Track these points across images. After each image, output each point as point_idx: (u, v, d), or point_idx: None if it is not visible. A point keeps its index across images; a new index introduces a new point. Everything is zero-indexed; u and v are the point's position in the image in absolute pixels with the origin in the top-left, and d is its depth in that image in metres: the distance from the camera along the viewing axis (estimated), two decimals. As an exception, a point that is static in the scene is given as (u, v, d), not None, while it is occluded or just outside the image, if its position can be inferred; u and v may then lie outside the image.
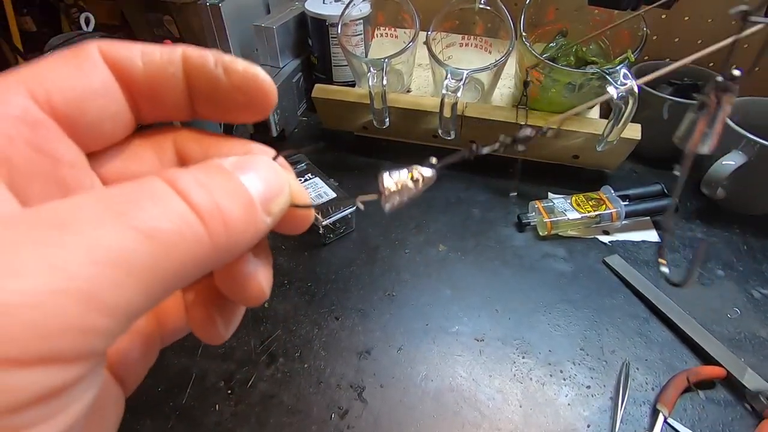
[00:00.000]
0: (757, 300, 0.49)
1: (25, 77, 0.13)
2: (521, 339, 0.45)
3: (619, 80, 0.49)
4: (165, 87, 0.15)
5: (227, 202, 0.12)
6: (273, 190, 0.14)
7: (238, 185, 0.13)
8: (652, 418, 0.39)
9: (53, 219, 0.10)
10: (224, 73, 0.15)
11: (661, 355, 0.44)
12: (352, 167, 0.65)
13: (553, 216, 0.54)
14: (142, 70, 0.14)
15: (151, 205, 0.11)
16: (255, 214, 0.13)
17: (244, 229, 0.12)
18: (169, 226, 0.11)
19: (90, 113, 0.14)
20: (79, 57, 0.14)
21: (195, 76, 0.15)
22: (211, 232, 0.11)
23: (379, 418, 0.39)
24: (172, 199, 0.11)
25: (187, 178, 0.12)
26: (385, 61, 0.53)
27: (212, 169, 0.13)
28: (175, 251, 0.11)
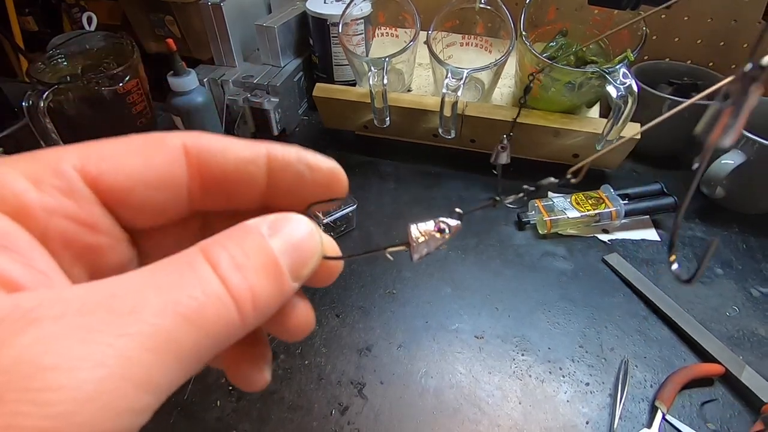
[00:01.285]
0: (755, 298, 0.49)
1: (86, 152, 0.13)
2: (521, 337, 0.45)
3: (619, 79, 0.49)
4: (241, 182, 0.15)
5: (258, 280, 0.13)
6: (305, 256, 0.14)
7: (270, 258, 0.13)
8: (651, 414, 0.39)
9: (122, 305, 0.11)
10: (308, 170, 0.16)
11: (659, 352, 0.44)
12: (353, 166, 0.65)
13: (552, 215, 0.54)
14: (222, 165, 0.15)
15: (199, 291, 0.11)
16: (283, 284, 0.13)
17: (272, 302, 0.13)
18: (211, 312, 0.11)
19: (140, 200, 0.14)
20: (156, 145, 0.14)
21: (278, 173, 0.15)
22: (241, 312, 0.12)
23: (380, 414, 0.39)
24: (211, 281, 0.12)
25: (224, 257, 0.12)
26: (386, 61, 0.53)
27: (246, 238, 0.13)
28: (212, 332, 0.12)
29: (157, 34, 0.77)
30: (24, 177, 0.12)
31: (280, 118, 0.66)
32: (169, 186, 0.15)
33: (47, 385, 0.09)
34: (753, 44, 0.21)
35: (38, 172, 0.13)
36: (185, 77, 0.56)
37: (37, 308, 0.10)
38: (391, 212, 0.58)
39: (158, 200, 0.15)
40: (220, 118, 0.65)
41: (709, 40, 0.69)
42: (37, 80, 0.56)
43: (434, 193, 0.61)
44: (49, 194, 0.13)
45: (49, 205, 0.13)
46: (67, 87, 0.57)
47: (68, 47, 0.63)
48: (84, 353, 0.09)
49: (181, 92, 0.57)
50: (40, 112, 0.52)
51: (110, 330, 0.10)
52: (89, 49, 0.64)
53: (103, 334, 0.10)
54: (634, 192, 0.58)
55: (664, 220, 0.58)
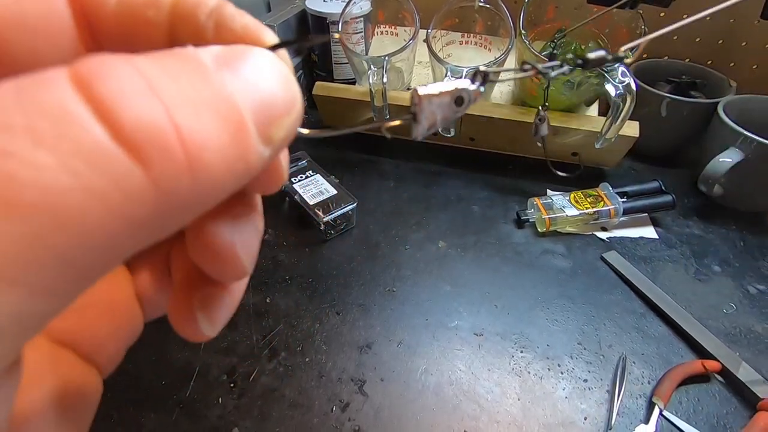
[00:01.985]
0: (752, 295, 0.50)
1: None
2: (520, 334, 0.46)
3: (617, 78, 0.49)
4: (138, 33, 0.11)
5: (199, 120, 0.08)
6: (278, 104, 0.09)
7: (221, 94, 0.08)
8: (648, 410, 0.40)
9: None
10: (214, 27, 0.11)
11: (657, 349, 0.45)
12: (353, 164, 0.65)
13: (551, 213, 0.55)
14: (113, 9, 0.11)
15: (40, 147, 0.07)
16: (247, 141, 0.09)
17: (228, 164, 0.08)
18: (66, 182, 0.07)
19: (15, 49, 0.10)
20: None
21: (180, 27, 0.11)
22: (157, 174, 0.07)
23: (380, 411, 0.40)
24: (80, 125, 0.07)
25: (119, 75, 0.07)
26: (386, 59, 0.53)
27: (176, 61, 0.08)
28: (77, 224, 0.07)
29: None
30: None
31: (280, 117, 0.67)
32: (49, 32, 0.11)
33: None
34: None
35: None
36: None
37: None
38: (391, 210, 0.59)
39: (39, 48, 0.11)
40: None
41: (707, 38, 0.70)
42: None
43: (434, 191, 0.62)
44: None
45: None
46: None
47: None
48: None
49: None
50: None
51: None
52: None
53: None
54: (632, 190, 0.58)
55: (663, 218, 0.58)
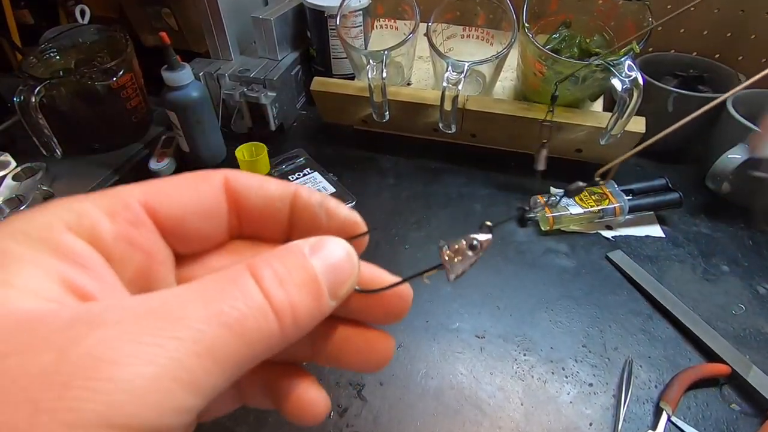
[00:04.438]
0: (762, 296, 0.48)
1: (146, 188, 0.16)
2: (522, 336, 0.44)
3: (624, 72, 0.48)
4: (269, 219, 0.18)
5: (299, 295, 0.14)
6: (343, 276, 0.15)
7: (311, 276, 0.14)
8: (656, 416, 0.38)
9: (167, 312, 0.12)
10: (326, 215, 0.17)
11: (664, 352, 0.43)
12: (352, 161, 0.64)
13: (555, 211, 0.53)
14: (255, 201, 0.17)
15: (241, 303, 0.13)
16: (322, 301, 0.14)
17: (311, 317, 0.14)
18: (253, 324, 0.13)
19: (189, 228, 0.17)
20: (202, 180, 0.17)
21: (300, 213, 0.17)
22: (281, 324, 0.13)
23: (379, 416, 0.39)
24: (255, 295, 0.13)
25: (269, 274, 0.14)
26: (385, 54, 0.52)
27: (290, 258, 0.14)
28: (253, 342, 0.13)
29: (154, 27, 0.75)
30: (100, 210, 0.15)
31: (278, 113, 0.65)
32: (213, 216, 0.17)
33: (105, 376, 0.10)
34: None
35: (112, 206, 0.15)
36: (180, 72, 0.55)
37: (102, 314, 0.12)
38: (391, 208, 0.58)
39: (204, 229, 0.17)
40: (216, 113, 0.63)
41: (715, 31, 0.68)
42: (29, 75, 0.54)
43: (434, 188, 0.60)
44: (119, 224, 0.15)
45: (118, 233, 0.15)
46: (60, 82, 0.56)
47: (61, 41, 0.62)
48: (138, 352, 0.11)
49: (175, 87, 0.56)
50: (32, 107, 0.51)
51: (161, 333, 0.11)
52: (82, 43, 0.63)
53: (154, 337, 0.11)
54: (638, 187, 0.56)
55: (669, 216, 0.57)
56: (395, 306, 0.17)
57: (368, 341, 0.18)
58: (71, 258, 0.14)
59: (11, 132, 0.65)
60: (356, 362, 0.18)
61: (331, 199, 0.17)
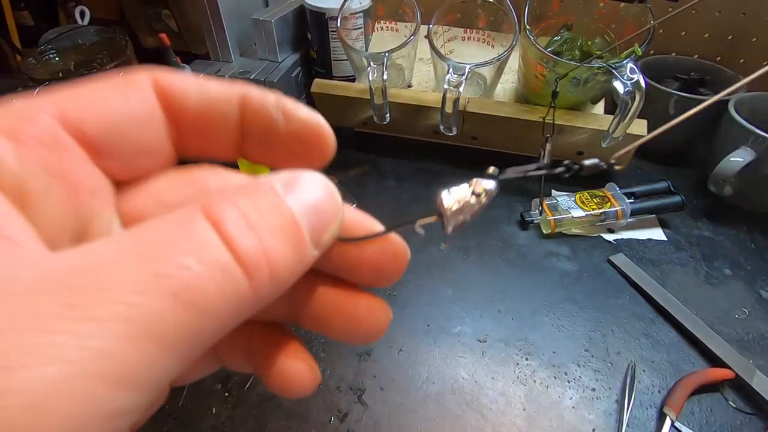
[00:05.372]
0: (765, 300, 0.48)
1: (59, 98, 0.12)
2: (524, 340, 0.44)
3: (626, 75, 0.48)
4: (216, 124, 0.14)
5: (276, 243, 0.11)
6: (325, 219, 0.12)
7: (289, 218, 0.11)
8: (659, 421, 0.38)
9: (90, 281, 0.09)
10: (284, 117, 0.14)
11: (667, 356, 0.43)
12: (352, 164, 0.64)
13: (556, 214, 0.53)
14: (195, 103, 0.14)
15: (193, 259, 0.09)
16: (304, 250, 0.11)
17: (291, 271, 0.11)
18: (211, 286, 0.09)
19: (124, 142, 0.13)
20: (127, 83, 0.13)
21: (251, 117, 0.14)
22: (254, 285, 0.10)
23: (380, 421, 0.38)
24: (213, 246, 0.10)
25: (232, 216, 0.10)
26: (386, 56, 0.52)
27: (261, 196, 0.11)
28: (213, 311, 0.10)
29: (154, 28, 0.75)
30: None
31: (278, 115, 0.65)
32: (148, 122, 0.13)
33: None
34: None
35: (13, 125, 0.11)
36: (180, 73, 0.55)
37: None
38: (391, 211, 0.57)
39: (141, 143, 0.13)
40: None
41: (716, 33, 0.68)
42: (29, 76, 0.54)
43: (435, 191, 0.60)
44: (27, 147, 0.11)
45: (27, 158, 0.11)
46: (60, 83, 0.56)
47: (60, 42, 0.62)
48: (35, 346, 0.08)
49: (175, 88, 0.55)
50: (30, 109, 0.51)
51: (72, 314, 0.08)
52: (82, 44, 0.63)
53: (61, 321, 0.08)
54: (640, 190, 0.56)
55: (672, 219, 0.56)
56: (388, 263, 0.15)
57: (358, 306, 0.15)
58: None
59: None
60: (343, 330, 0.15)
61: (288, 99, 0.14)
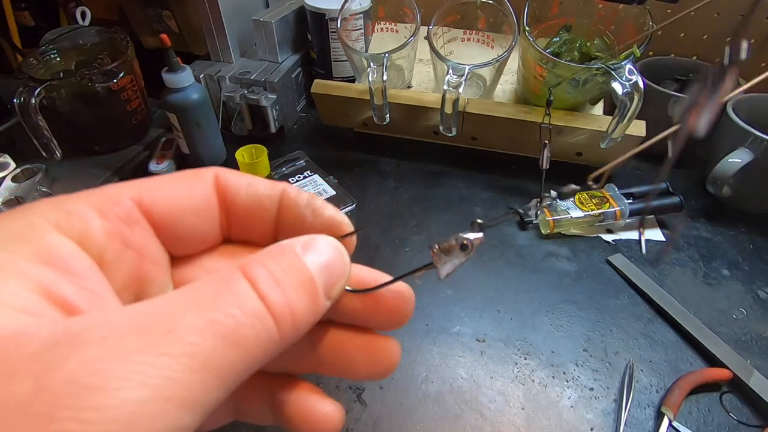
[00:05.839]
0: (763, 300, 0.48)
1: (140, 185, 0.15)
2: (523, 340, 0.44)
3: (625, 76, 0.48)
4: (257, 217, 0.17)
5: (297, 297, 0.13)
6: (336, 275, 0.15)
7: (306, 276, 0.14)
8: (657, 421, 0.38)
9: (157, 324, 0.11)
10: (312, 214, 0.17)
11: (665, 356, 0.43)
12: (352, 164, 0.64)
13: (556, 214, 0.53)
14: (244, 198, 0.17)
15: (237, 309, 0.12)
16: (318, 302, 0.14)
17: (308, 319, 0.14)
18: (250, 331, 0.12)
19: (183, 226, 0.16)
20: (195, 178, 0.16)
21: (286, 211, 0.17)
22: (281, 331, 0.13)
23: (379, 421, 0.38)
24: (251, 299, 0.12)
25: (263, 275, 0.13)
26: (386, 56, 0.52)
27: (284, 257, 0.14)
28: (250, 350, 0.12)
29: (155, 29, 0.75)
30: (90, 207, 0.14)
31: (278, 115, 0.65)
32: (205, 214, 0.16)
33: (90, 404, 0.09)
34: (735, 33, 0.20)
35: (102, 203, 0.14)
36: (180, 73, 0.55)
37: (85, 332, 0.11)
38: (391, 211, 0.57)
39: (198, 227, 0.16)
40: (216, 115, 0.63)
41: (715, 35, 0.68)
42: (29, 77, 0.54)
43: (435, 191, 0.60)
44: (111, 222, 0.14)
45: (110, 231, 0.14)
46: (60, 83, 0.56)
47: (61, 42, 0.62)
48: (126, 374, 0.10)
49: (176, 89, 0.55)
50: (31, 109, 0.51)
51: (151, 350, 0.10)
52: (83, 45, 0.63)
53: (143, 354, 0.10)
54: (638, 191, 0.56)
55: (670, 220, 0.57)
56: (396, 307, 0.17)
57: (372, 347, 0.17)
58: (56, 262, 0.13)
59: (11, 133, 0.65)
60: (361, 369, 0.17)
61: (318, 199, 0.17)
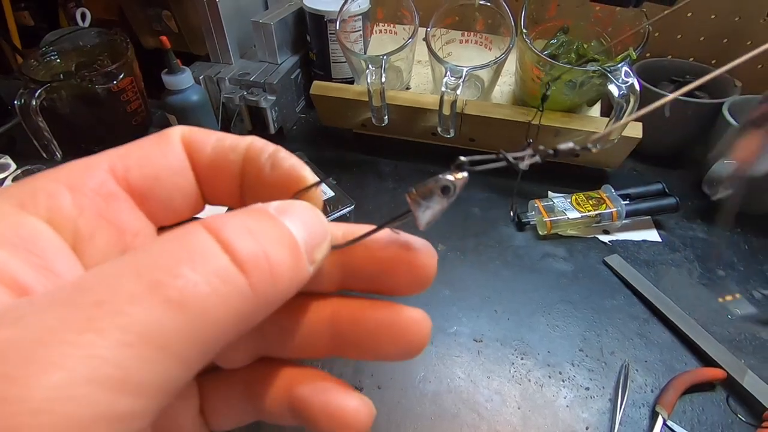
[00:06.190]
0: (758, 301, 0.49)
1: (111, 155, 0.14)
2: (520, 340, 0.45)
3: (621, 78, 0.48)
4: (222, 172, 0.15)
5: (275, 248, 0.11)
6: (317, 237, 0.13)
7: (284, 230, 0.12)
8: (652, 420, 0.39)
9: (91, 296, 0.10)
10: (270, 165, 0.15)
11: (660, 356, 0.44)
12: (351, 165, 0.64)
13: (553, 215, 0.54)
14: (209, 154, 0.15)
15: (188, 268, 0.10)
16: (301, 261, 0.12)
17: (290, 279, 0.12)
18: (206, 290, 0.10)
19: (163, 189, 0.15)
20: (162, 139, 0.15)
21: (247, 164, 0.15)
22: (254, 282, 0.11)
23: (377, 420, 0.38)
24: (211, 254, 0.11)
25: (232, 225, 0.11)
26: (384, 58, 0.52)
27: (257, 214, 0.12)
28: (212, 314, 0.10)
29: (155, 29, 0.76)
30: (59, 182, 0.13)
31: (277, 117, 0.66)
32: (181, 172, 0.15)
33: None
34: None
35: (73, 177, 0.13)
36: (180, 75, 0.55)
37: (10, 312, 0.09)
38: (390, 212, 0.58)
39: (177, 187, 0.15)
40: (216, 116, 0.64)
41: (711, 37, 0.68)
42: (30, 78, 0.55)
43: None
44: (83, 195, 0.13)
45: (82, 206, 0.13)
46: (60, 85, 0.56)
47: (61, 44, 0.62)
48: (37, 357, 0.09)
49: (175, 90, 0.56)
50: (32, 110, 0.51)
51: (72, 326, 0.09)
52: (83, 46, 0.63)
53: (63, 333, 0.09)
54: (635, 192, 0.57)
55: (666, 220, 0.57)
56: (412, 264, 0.15)
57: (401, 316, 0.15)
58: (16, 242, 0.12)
59: (11, 134, 0.65)
60: (387, 344, 0.15)
61: (284, 151, 0.15)
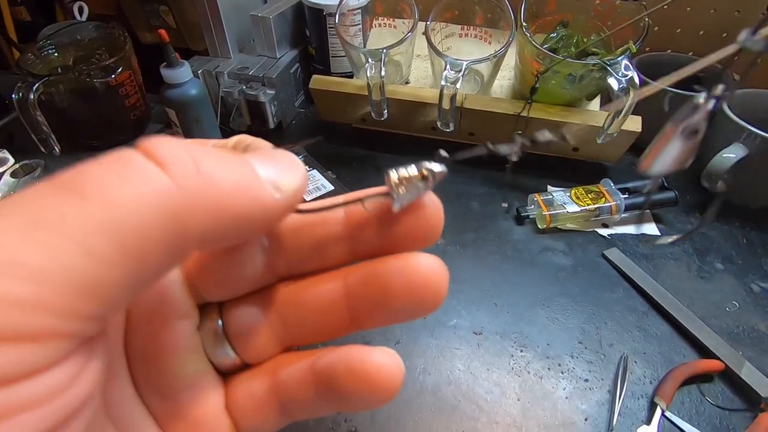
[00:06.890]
0: (756, 294, 0.49)
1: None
2: (519, 332, 0.45)
3: (620, 72, 0.48)
4: None
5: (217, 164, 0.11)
6: (283, 166, 0.13)
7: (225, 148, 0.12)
8: (650, 411, 0.39)
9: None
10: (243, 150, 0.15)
11: (659, 348, 0.44)
12: (350, 159, 0.64)
13: (552, 209, 0.54)
14: None
15: (102, 169, 0.11)
16: (252, 179, 0.12)
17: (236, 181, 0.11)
18: (112, 179, 0.10)
19: None
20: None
21: None
22: (177, 177, 0.10)
23: (377, 412, 0.39)
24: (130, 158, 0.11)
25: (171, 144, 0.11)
26: (384, 52, 0.52)
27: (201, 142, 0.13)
28: (124, 205, 0.10)
29: (152, 25, 0.75)
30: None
31: (276, 111, 0.65)
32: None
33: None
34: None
35: None
36: (178, 69, 0.55)
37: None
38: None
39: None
40: (214, 110, 0.63)
41: (711, 31, 0.68)
42: (28, 72, 0.54)
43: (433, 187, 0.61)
44: None
45: None
46: (58, 79, 0.56)
47: (59, 38, 0.62)
48: None
49: (174, 84, 0.56)
50: (30, 104, 0.51)
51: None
52: (80, 40, 0.63)
53: None
54: (634, 186, 0.57)
55: (665, 214, 0.57)
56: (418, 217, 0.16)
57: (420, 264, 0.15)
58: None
59: (9, 129, 0.65)
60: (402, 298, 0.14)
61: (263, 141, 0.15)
